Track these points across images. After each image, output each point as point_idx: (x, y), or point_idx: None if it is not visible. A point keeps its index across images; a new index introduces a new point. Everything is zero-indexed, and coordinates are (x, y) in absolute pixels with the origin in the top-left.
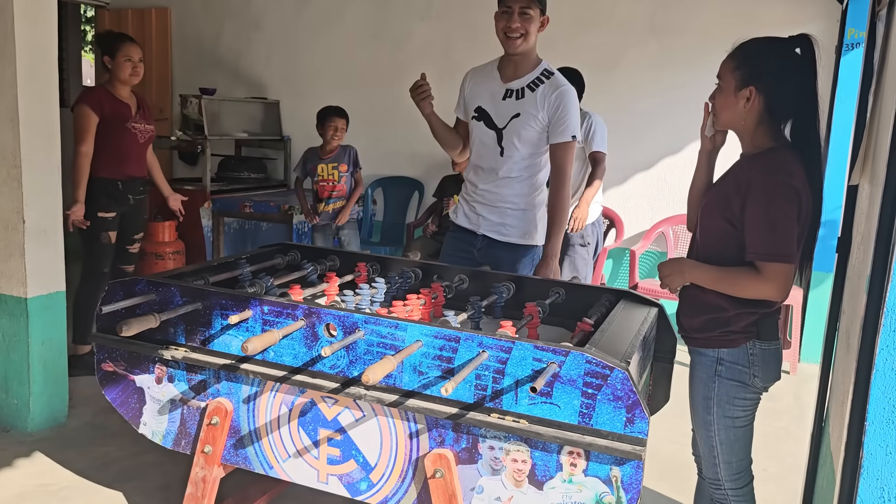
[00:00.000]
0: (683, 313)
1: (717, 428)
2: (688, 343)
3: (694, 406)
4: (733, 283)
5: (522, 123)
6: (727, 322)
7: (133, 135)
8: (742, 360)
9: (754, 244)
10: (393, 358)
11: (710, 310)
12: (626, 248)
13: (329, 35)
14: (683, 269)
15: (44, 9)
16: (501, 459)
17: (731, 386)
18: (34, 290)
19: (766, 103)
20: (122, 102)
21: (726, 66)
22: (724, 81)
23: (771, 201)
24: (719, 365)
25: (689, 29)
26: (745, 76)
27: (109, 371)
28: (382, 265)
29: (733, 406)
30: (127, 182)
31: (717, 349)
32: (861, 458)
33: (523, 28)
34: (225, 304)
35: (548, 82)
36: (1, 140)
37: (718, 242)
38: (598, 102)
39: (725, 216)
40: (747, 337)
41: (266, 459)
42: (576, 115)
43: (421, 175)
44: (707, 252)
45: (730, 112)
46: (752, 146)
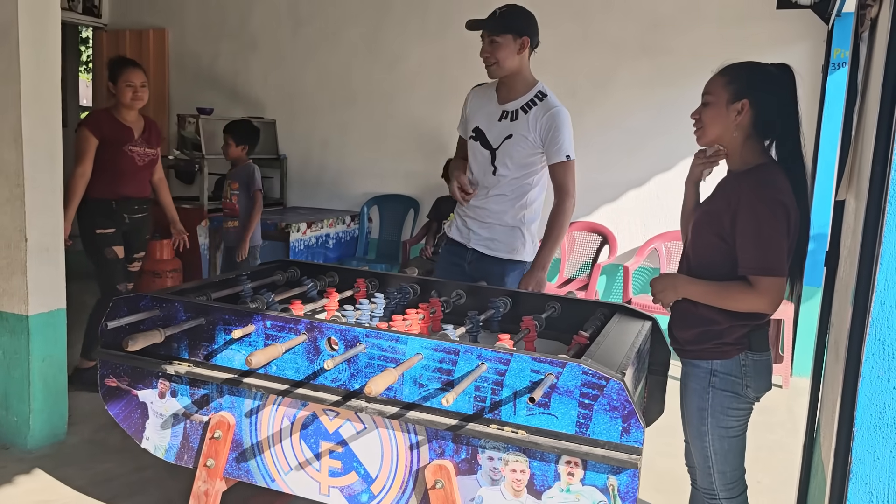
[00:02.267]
0: (676, 326)
1: (711, 438)
2: (680, 355)
3: (688, 417)
4: (726, 298)
5: (514, 144)
6: (720, 334)
7: (130, 157)
8: (735, 371)
9: (746, 259)
10: (394, 370)
11: (703, 322)
12: (620, 265)
13: (325, 55)
14: (676, 285)
15: (47, 31)
16: (500, 470)
17: (725, 396)
18: (35, 308)
19: (754, 118)
20: (124, 126)
21: (717, 81)
22: (715, 96)
23: (761, 217)
24: (713, 376)
25: (678, 49)
26: (738, 90)
27: (113, 386)
28: (381, 281)
29: (727, 416)
30: (121, 202)
31: (710, 361)
32: (850, 463)
33: (493, 56)
34: (228, 320)
35: (540, 104)
36: (4, 159)
37: (710, 258)
38: (590, 120)
39: (716, 232)
40: (740, 348)
41: (268, 472)
42: (568, 134)
43: (416, 193)
44: (699, 267)
45: (720, 126)
46: (740, 162)
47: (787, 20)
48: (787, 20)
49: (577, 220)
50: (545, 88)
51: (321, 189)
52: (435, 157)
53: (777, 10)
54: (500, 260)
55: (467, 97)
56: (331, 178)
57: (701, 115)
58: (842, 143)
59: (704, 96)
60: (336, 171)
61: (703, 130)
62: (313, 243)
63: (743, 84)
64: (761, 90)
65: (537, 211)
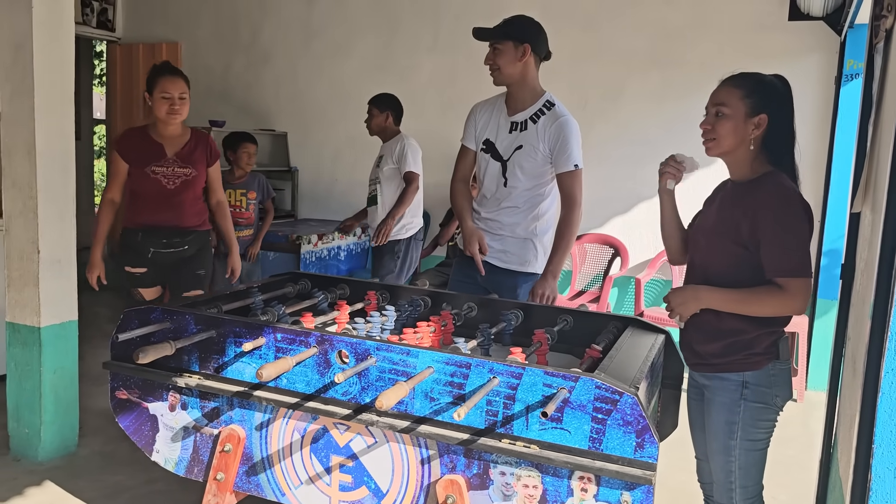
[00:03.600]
0: (698, 340)
1: (738, 452)
2: (704, 370)
3: (713, 432)
4: (757, 303)
5: (524, 155)
6: (750, 344)
7: (154, 180)
8: (765, 382)
9: (776, 262)
10: (406, 384)
11: (729, 334)
12: (632, 277)
13: (336, 68)
14: (699, 296)
15: (62, 45)
16: (513, 485)
17: (756, 408)
18: (47, 320)
19: (767, 131)
20: (154, 143)
21: (732, 94)
22: (732, 108)
23: (786, 219)
24: (745, 388)
25: (689, 60)
26: (756, 104)
27: (123, 399)
28: (392, 293)
29: (756, 428)
30: (147, 231)
31: (741, 372)
32: (869, 480)
33: (494, 62)
34: (238, 332)
35: (548, 114)
36: (18, 171)
37: (731, 266)
38: (601, 131)
39: (736, 240)
40: (769, 357)
41: (278, 486)
42: (577, 143)
43: (427, 205)
44: (719, 277)
45: (736, 138)
46: (750, 171)
47: (798, 31)
48: (799, 31)
49: (588, 232)
50: (553, 98)
51: (332, 201)
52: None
53: (789, 21)
54: (513, 272)
55: (473, 110)
56: (342, 189)
57: (715, 126)
58: (857, 155)
59: (719, 107)
60: (347, 182)
61: (716, 142)
62: (325, 255)
63: (761, 98)
64: (775, 104)
65: (549, 222)
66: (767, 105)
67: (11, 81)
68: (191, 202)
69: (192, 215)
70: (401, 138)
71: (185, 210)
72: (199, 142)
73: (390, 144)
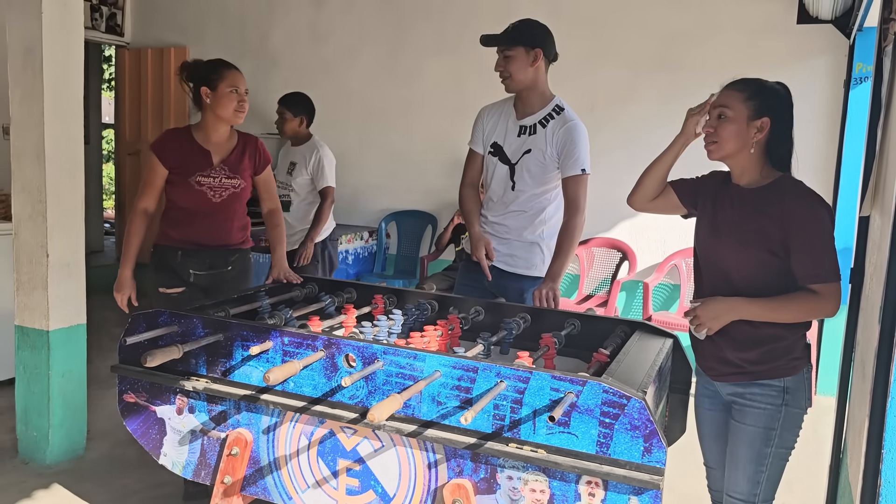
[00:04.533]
0: (733, 349)
1: (771, 461)
2: (740, 378)
3: (746, 441)
4: (793, 311)
5: (532, 159)
6: (789, 349)
7: (199, 192)
8: (801, 385)
9: (810, 268)
10: (399, 396)
11: (768, 340)
12: (640, 281)
13: (344, 73)
14: (734, 308)
15: (71, 50)
16: (520, 489)
17: (794, 413)
18: (56, 323)
19: (770, 136)
20: (200, 149)
21: (734, 96)
22: (735, 111)
23: (814, 225)
24: (786, 394)
25: (697, 64)
26: (758, 107)
27: (131, 402)
28: (399, 297)
29: (793, 434)
30: (190, 252)
31: (782, 378)
32: (879, 486)
33: (506, 69)
34: (246, 336)
35: (557, 118)
36: (27, 175)
37: (762, 274)
38: (609, 135)
39: (767, 248)
40: (805, 361)
41: (285, 490)
42: (584, 148)
43: (434, 209)
44: (748, 286)
45: (739, 142)
46: (759, 177)
47: (807, 35)
48: (808, 35)
49: (596, 237)
50: (562, 102)
51: (339, 205)
52: (453, 173)
53: (797, 24)
54: (519, 276)
55: (480, 114)
56: (349, 194)
57: (717, 129)
58: (866, 159)
59: (721, 109)
60: (354, 187)
61: (718, 145)
62: None
63: (763, 101)
64: (778, 109)
65: (556, 227)
66: (770, 109)
67: (21, 86)
68: (237, 217)
69: (237, 231)
70: (315, 146)
71: (232, 226)
72: (248, 147)
73: (303, 151)
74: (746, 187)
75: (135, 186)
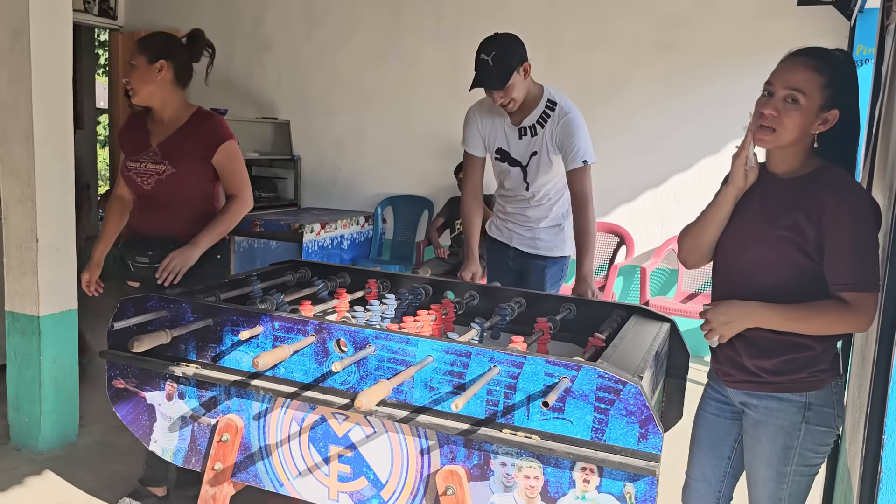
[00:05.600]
0: (750, 355)
1: (791, 480)
2: (755, 388)
3: (763, 458)
4: (817, 321)
5: (541, 159)
6: (814, 360)
7: (128, 177)
8: (828, 402)
9: (842, 275)
10: (388, 382)
11: (791, 348)
12: (637, 266)
13: (339, 56)
14: (748, 313)
15: (59, 32)
16: (514, 476)
17: (819, 432)
18: (46, 309)
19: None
20: (142, 131)
21: (813, 80)
22: (809, 99)
23: (856, 226)
24: (808, 410)
25: (695, 47)
26: (834, 96)
27: (120, 388)
28: (392, 282)
29: (815, 454)
30: (130, 241)
31: (804, 392)
32: (879, 472)
33: (507, 98)
34: (236, 321)
35: (553, 114)
36: (16, 159)
37: (790, 276)
38: (606, 119)
39: (800, 247)
40: (833, 374)
41: (276, 477)
42: (583, 139)
43: (430, 193)
44: (775, 288)
45: (802, 132)
46: (801, 165)
47: (807, 16)
48: (808, 16)
49: None
50: (553, 94)
51: (335, 190)
52: (449, 158)
53: (798, 6)
54: (543, 256)
55: (472, 116)
56: (345, 178)
57: (781, 114)
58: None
59: (794, 93)
60: (350, 171)
61: (777, 134)
62: (327, 244)
63: (841, 90)
64: (851, 98)
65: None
66: (844, 100)
67: (9, 68)
68: (183, 207)
69: (184, 223)
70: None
71: (176, 217)
72: (194, 128)
73: None
74: (783, 177)
75: None
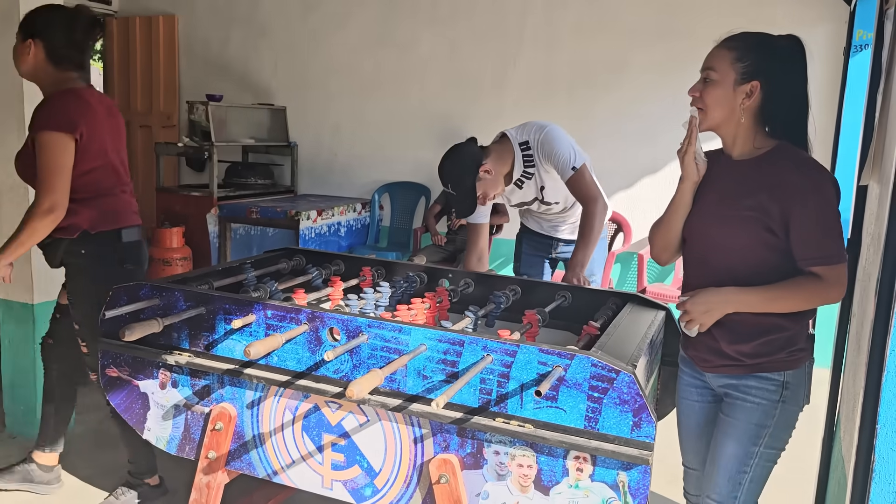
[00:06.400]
0: (729, 340)
1: (756, 461)
2: (735, 371)
3: (734, 436)
4: (793, 298)
5: (551, 186)
6: (791, 340)
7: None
8: (801, 381)
9: (811, 250)
10: (380, 371)
11: (767, 330)
12: (634, 253)
13: (335, 41)
14: (727, 299)
15: None
16: (507, 464)
17: (791, 411)
18: (40, 297)
19: (763, 100)
20: None
21: (723, 57)
22: (721, 74)
23: (819, 202)
24: (785, 389)
25: (694, 33)
26: (747, 69)
27: (114, 376)
28: (387, 269)
29: (786, 434)
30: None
31: (783, 372)
32: (873, 461)
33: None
34: (228, 309)
35: (532, 150)
36: (8, 146)
37: (763, 258)
38: (605, 106)
39: (765, 225)
40: (808, 353)
41: (270, 465)
42: (564, 147)
43: (427, 180)
44: (749, 271)
45: (725, 109)
46: (751, 147)
47: (807, 2)
48: (808, 2)
49: None
50: (519, 134)
51: (332, 176)
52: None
53: None
54: None
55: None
56: (341, 165)
57: (702, 94)
58: (864, 127)
59: (707, 72)
60: (347, 158)
61: (704, 113)
62: (324, 231)
63: (754, 62)
64: (773, 69)
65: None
66: (761, 71)
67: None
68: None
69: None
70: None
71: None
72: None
73: None
74: (739, 159)
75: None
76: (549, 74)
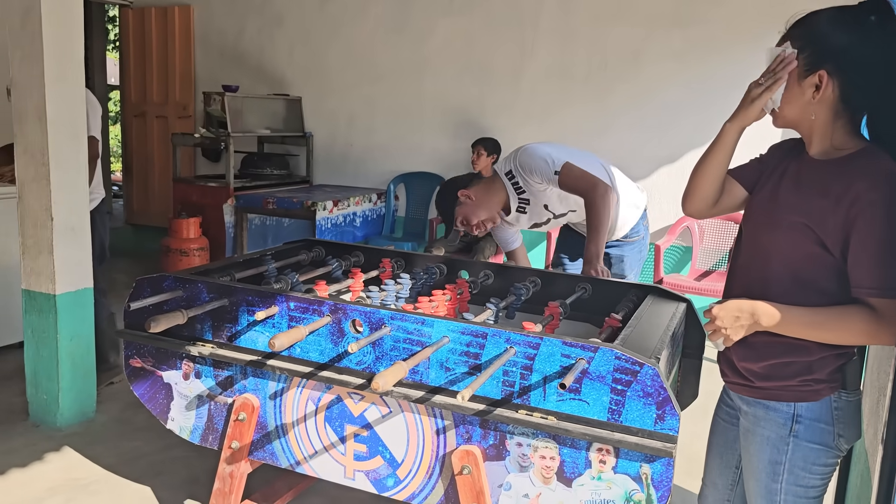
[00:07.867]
0: (740, 355)
1: (783, 498)
2: (743, 391)
3: (752, 470)
4: (840, 329)
5: (554, 200)
6: (809, 368)
7: None
8: (825, 417)
9: (869, 275)
10: (405, 363)
11: (784, 351)
12: (652, 243)
13: (351, 31)
14: (756, 315)
15: (70, 9)
16: (529, 456)
17: (811, 450)
18: (62, 287)
19: (841, 90)
20: None
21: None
22: None
23: (891, 218)
24: (796, 423)
25: (713, 19)
26: (811, 58)
27: (137, 367)
28: (407, 261)
29: (810, 473)
30: None
31: (793, 403)
32: None
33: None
34: (251, 301)
35: (517, 176)
36: (29, 138)
37: (812, 272)
38: (622, 94)
39: (815, 239)
40: (833, 387)
41: (293, 455)
42: (540, 158)
43: (443, 170)
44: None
45: (795, 106)
46: (831, 148)
47: None
48: None
49: None
50: (500, 167)
51: (347, 167)
52: (462, 135)
53: None
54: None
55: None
56: (357, 155)
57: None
58: None
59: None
60: (362, 148)
61: (777, 114)
62: (340, 222)
63: (819, 48)
64: (846, 53)
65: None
66: (830, 58)
67: (21, 46)
68: None
69: None
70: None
71: None
72: None
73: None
74: (817, 159)
75: (142, 148)
76: (564, 63)
